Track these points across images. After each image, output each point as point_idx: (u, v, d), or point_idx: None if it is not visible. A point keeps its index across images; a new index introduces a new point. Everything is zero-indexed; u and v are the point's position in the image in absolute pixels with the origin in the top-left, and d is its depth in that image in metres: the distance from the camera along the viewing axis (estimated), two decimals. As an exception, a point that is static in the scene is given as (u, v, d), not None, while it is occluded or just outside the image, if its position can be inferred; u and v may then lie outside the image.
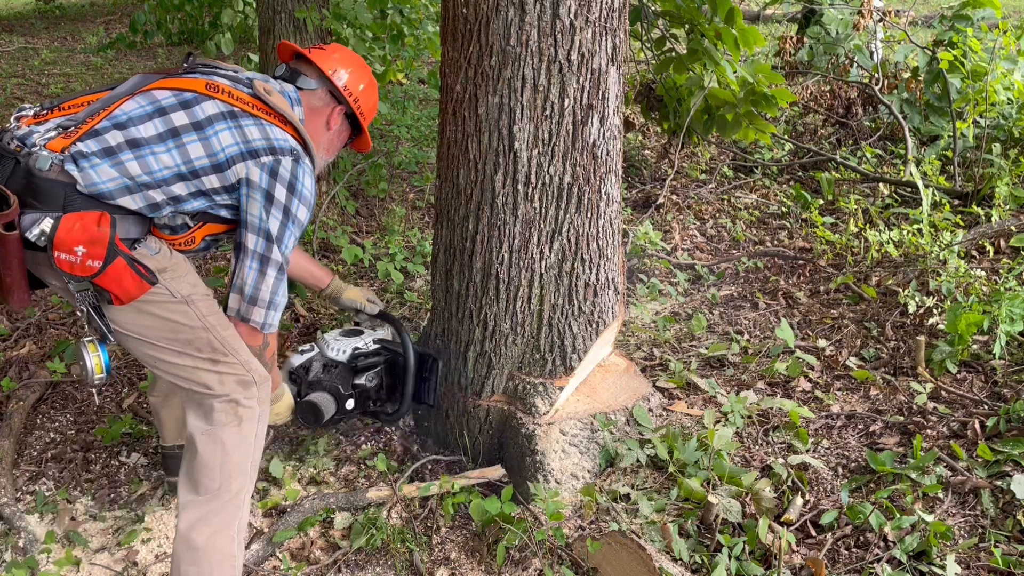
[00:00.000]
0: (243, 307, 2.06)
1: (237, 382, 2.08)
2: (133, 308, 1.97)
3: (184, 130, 1.98)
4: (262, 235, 2.02)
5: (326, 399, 2.46)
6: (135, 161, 1.93)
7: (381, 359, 2.60)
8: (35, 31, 10.67)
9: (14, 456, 2.75)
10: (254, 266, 2.03)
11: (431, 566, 2.31)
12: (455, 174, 2.53)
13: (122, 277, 1.89)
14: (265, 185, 2.01)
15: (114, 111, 1.97)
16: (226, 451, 2.05)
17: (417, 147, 5.87)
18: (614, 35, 2.42)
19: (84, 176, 1.89)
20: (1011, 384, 2.91)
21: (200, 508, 2.03)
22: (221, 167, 1.99)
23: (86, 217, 1.86)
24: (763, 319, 3.57)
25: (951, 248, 3.71)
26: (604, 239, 2.63)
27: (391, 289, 3.83)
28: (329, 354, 2.55)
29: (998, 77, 4.74)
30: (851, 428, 2.80)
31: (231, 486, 2.05)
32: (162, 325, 2.02)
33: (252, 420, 2.10)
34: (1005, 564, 2.14)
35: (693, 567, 2.22)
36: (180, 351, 2.04)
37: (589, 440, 2.61)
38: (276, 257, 2.04)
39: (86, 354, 1.96)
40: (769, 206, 4.85)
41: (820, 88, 6.13)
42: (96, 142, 1.92)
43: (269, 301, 2.07)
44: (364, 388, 2.56)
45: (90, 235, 1.84)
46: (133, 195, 1.93)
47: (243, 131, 2.01)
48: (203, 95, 2.02)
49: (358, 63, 2.33)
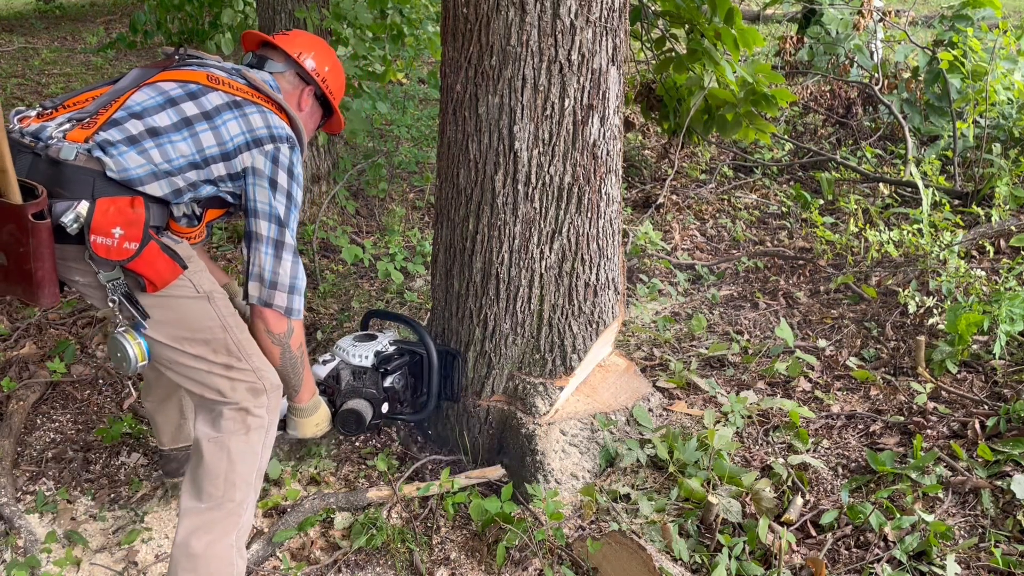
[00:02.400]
0: (264, 292, 2.05)
1: (248, 389, 2.06)
2: (159, 301, 1.97)
3: (196, 120, 2.00)
4: (273, 221, 2.04)
5: (364, 405, 2.46)
6: (156, 149, 1.95)
7: (405, 359, 2.61)
8: (35, 31, 10.67)
9: (14, 456, 2.75)
10: (269, 251, 2.04)
11: (431, 566, 2.31)
12: (455, 174, 2.53)
13: (156, 260, 1.90)
14: (269, 172, 2.04)
15: (126, 102, 1.98)
16: (232, 460, 2.04)
17: (417, 147, 5.87)
18: (614, 35, 2.42)
19: (116, 162, 1.89)
20: (1011, 384, 2.91)
21: (201, 516, 2.02)
22: (229, 156, 2.02)
23: (119, 201, 1.86)
24: (763, 319, 3.57)
25: (951, 248, 3.71)
26: (604, 239, 2.63)
27: (391, 289, 3.83)
28: (353, 361, 2.54)
29: (998, 77, 4.74)
30: (851, 428, 2.80)
31: (234, 495, 2.04)
32: (183, 321, 2.01)
33: (260, 430, 2.09)
34: (1005, 564, 2.14)
35: (693, 567, 2.22)
36: (196, 354, 2.03)
37: (589, 440, 2.61)
38: (288, 240, 2.06)
39: (126, 344, 1.95)
40: (769, 206, 4.85)
41: (820, 88, 6.13)
42: (118, 131, 1.93)
43: (290, 285, 2.07)
44: (393, 390, 2.57)
45: (126, 217, 1.85)
46: (159, 181, 1.94)
47: (248, 119, 2.04)
48: (207, 86, 2.04)
49: (322, 45, 2.36)
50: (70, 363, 3.21)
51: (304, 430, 2.34)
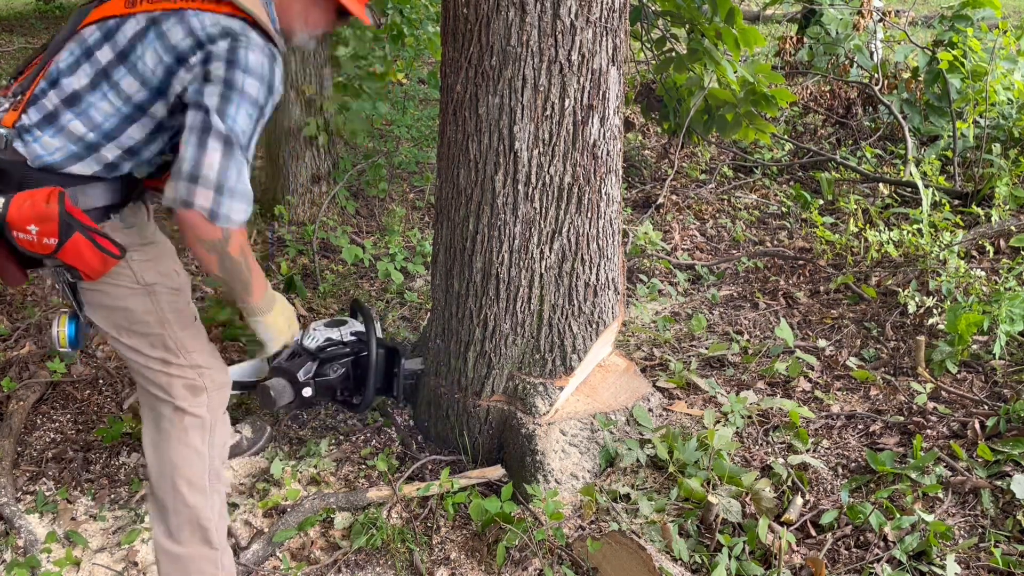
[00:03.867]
0: (182, 188, 1.70)
1: (186, 386, 1.97)
2: (96, 288, 1.88)
3: (111, 67, 1.77)
4: (200, 109, 1.72)
5: (281, 385, 2.46)
6: (77, 120, 1.78)
7: (347, 351, 2.62)
8: (35, 31, 10.66)
9: (14, 456, 2.75)
10: (191, 140, 1.71)
11: (431, 566, 2.31)
12: (455, 174, 2.53)
13: (83, 253, 1.76)
14: (202, 73, 1.74)
15: (50, 68, 1.82)
16: (175, 465, 1.97)
17: (417, 147, 5.87)
18: (615, 35, 2.42)
19: (29, 150, 1.77)
20: (1011, 384, 2.91)
21: (164, 521, 2.01)
22: (162, 91, 1.78)
23: (36, 195, 1.73)
24: (763, 319, 3.57)
25: (951, 248, 3.71)
26: (604, 239, 2.63)
27: (391, 289, 3.84)
28: (304, 342, 2.58)
29: (998, 77, 4.75)
30: (851, 428, 2.80)
31: (187, 500, 1.98)
32: (120, 311, 1.92)
33: (199, 430, 2.00)
34: (1005, 564, 2.14)
35: (693, 567, 2.22)
36: (132, 345, 1.94)
37: (589, 440, 2.61)
38: (218, 127, 1.70)
39: (55, 323, 1.90)
40: (769, 206, 4.85)
41: (820, 88, 6.13)
42: (36, 110, 1.79)
43: (218, 183, 1.71)
44: (328, 379, 2.58)
45: (38, 212, 1.71)
46: (83, 160, 1.80)
47: (165, 39, 1.74)
48: (123, 16, 1.78)
49: None
50: (70, 363, 3.21)
51: (271, 329, 2.10)
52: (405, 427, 2.89)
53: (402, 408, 2.95)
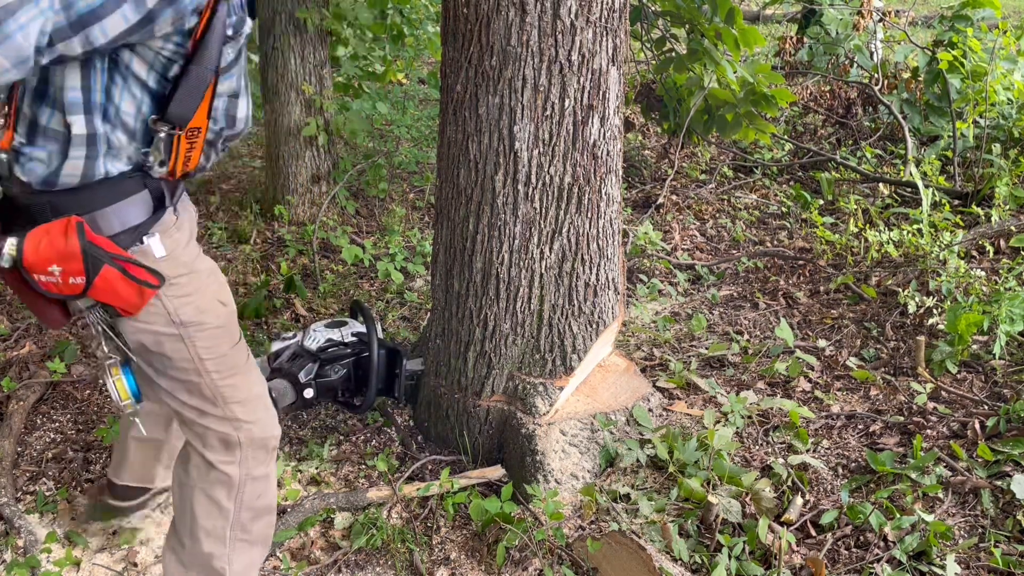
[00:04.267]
0: None
1: (220, 440, 1.84)
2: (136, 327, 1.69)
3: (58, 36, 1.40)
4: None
5: (283, 387, 2.49)
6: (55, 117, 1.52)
7: (348, 352, 2.63)
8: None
9: (14, 456, 2.75)
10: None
11: (431, 566, 2.31)
12: (455, 174, 2.53)
13: (116, 287, 1.57)
14: None
15: None
16: (195, 514, 1.90)
17: (417, 147, 5.87)
18: (615, 35, 2.42)
19: (28, 172, 1.53)
20: (1011, 384, 2.91)
21: (178, 553, 1.96)
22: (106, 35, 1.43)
23: (52, 229, 1.51)
24: (763, 319, 3.57)
25: (951, 248, 3.71)
26: (604, 239, 2.63)
27: (391, 289, 3.84)
28: (305, 343, 2.60)
29: (998, 77, 4.74)
30: (851, 428, 2.80)
31: (201, 548, 1.92)
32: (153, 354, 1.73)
33: (225, 487, 1.88)
34: (1005, 564, 2.14)
35: (693, 567, 2.22)
36: (167, 388, 1.79)
37: (589, 440, 2.61)
38: None
39: (109, 381, 1.70)
40: (769, 206, 4.85)
41: (820, 88, 6.13)
42: (23, 125, 1.53)
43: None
44: (329, 380, 2.59)
45: (58, 250, 1.50)
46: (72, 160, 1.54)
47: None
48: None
49: None
50: (70, 363, 3.21)
51: None
52: (405, 427, 2.89)
53: (402, 408, 2.95)
